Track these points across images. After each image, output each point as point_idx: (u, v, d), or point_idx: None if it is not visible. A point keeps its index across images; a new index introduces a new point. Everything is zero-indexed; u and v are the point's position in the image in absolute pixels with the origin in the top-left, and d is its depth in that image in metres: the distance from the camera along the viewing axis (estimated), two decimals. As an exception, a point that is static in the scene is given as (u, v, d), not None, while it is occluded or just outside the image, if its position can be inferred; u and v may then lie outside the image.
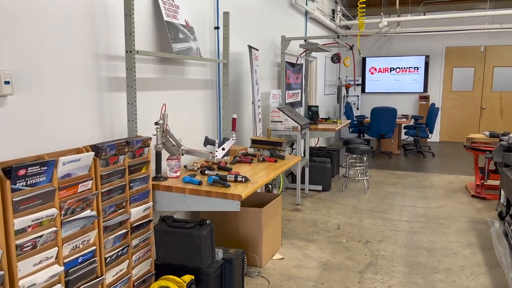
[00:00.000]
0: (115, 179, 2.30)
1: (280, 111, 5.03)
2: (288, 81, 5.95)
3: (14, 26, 2.02)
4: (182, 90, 3.51)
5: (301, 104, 6.71)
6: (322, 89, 8.90)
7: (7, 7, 1.97)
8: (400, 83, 10.62)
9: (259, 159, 3.45)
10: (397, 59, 10.54)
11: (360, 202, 5.29)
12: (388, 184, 6.25)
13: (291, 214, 4.79)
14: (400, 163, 7.85)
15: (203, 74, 3.84)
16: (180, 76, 3.48)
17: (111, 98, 2.69)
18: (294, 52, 6.68)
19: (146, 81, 3.04)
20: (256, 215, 3.38)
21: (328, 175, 5.78)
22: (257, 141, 3.78)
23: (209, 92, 3.95)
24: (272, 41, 5.70)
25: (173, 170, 2.84)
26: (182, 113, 3.52)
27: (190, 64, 3.60)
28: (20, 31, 2.05)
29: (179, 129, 3.49)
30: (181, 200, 2.65)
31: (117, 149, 2.27)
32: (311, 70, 8.23)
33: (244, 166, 3.31)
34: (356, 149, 5.83)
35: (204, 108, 3.87)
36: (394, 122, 8.09)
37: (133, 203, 2.47)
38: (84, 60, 2.45)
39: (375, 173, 6.99)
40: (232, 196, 2.51)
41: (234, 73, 4.50)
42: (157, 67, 3.16)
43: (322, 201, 5.34)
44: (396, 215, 4.78)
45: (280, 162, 3.50)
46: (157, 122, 2.74)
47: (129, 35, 2.57)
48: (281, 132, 5.05)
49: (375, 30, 9.45)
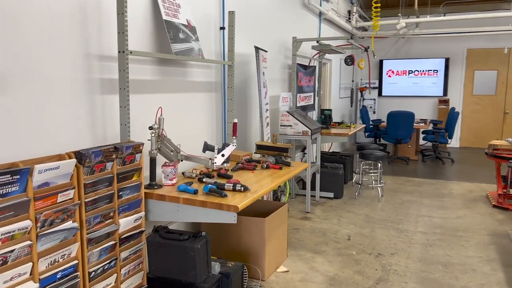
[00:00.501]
0: (101, 187, 2.15)
1: (289, 115, 4.84)
2: (299, 83, 5.76)
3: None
4: (184, 93, 3.36)
5: (313, 108, 6.50)
6: (337, 92, 8.66)
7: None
8: (419, 86, 10.29)
9: (263, 166, 3.26)
10: (415, 61, 10.22)
11: (373, 211, 5.05)
12: (404, 192, 5.98)
13: (300, 223, 4.58)
14: (417, 169, 7.55)
15: (207, 76, 3.68)
16: (182, 78, 3.32)
17: (104, 101, 2.55)
18: (307, 54, 6.48)
19: (144, 83, 2.89)
20: (259, 226, 3.20)
21: (340, 181, 5.56)
22: (262, 146, 3.59)
23: (213, 95, 3.79)
24: (283, 43, 5.51)
25: (168, 177, 2.68)
26: (183, 117, 3.36)
27: (193, 65, 3.45)
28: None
29: (180, 134, 3.34)
30: (175, 210, 2.49)
31: (104, 155, 2.12)
32: (325, 73, 8.01)
33: (246, 173, 3.13)
34: (370, 155, 5.59)
35: (207, 111, 3.71)
36: (411, 126, 7.80)
37: (122, 213, 2.32)
38: (73, 61, 2.31)
39: (390, 180, 6.72)
40: (227, 207, 2.33)
41: (241, 75, 4.33)
42: (156, 69, 3.01)
43: (333, 209, 5.11)
44: (411, 226, 4.52)
45: (286, 169, 3.31)
46: (152, 126, 2.58)
47: (121, 34, 2.43)
48: (290, 137, 4.86)
49: (393, 32, 9.16)
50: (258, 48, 4.08)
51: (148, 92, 2.94)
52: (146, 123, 2.92)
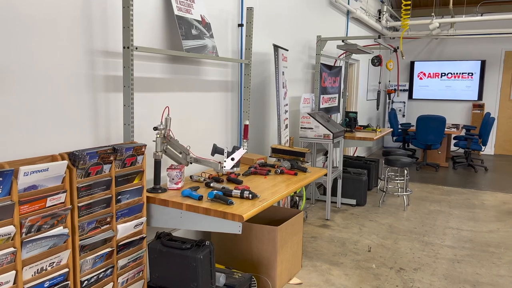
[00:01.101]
0: (97, 191, 2.02)
1: (310, 117, 4.63)
2: (323, 84, 5.53)
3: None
4: (197, 92, 3.21)
5: (338, 110, 6.25)
6: (364, 94, 8.36)
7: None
8: (452, 89, 9.83)
9: (276, 171, 3.08)
10: (449, 63, 9.77)
11: (397, 221, 4.77)
12: (432, 201, 5.66)
13: (318, 231, 4.37)
14: (447, 177, 7.17)
15: (223, 75, 3.52)
16: (195, 77, 3.18)
17: (108, 99, 2.43)
18: (333, 54, 6.24)
19: (154, 81, 2.76)
20: (271, 234, 3.01)
21: (364, 188, 5.30)
22: (278, 150, 3.41)
23: (229, 95, 3.63)
24: (307, 42, 5.30)
25: (173, 181, 2.54)
26: (195, 117, 3.22)
27: (207, 63, 3.30)
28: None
29: (192, 135, 3.19)
30: (178, 217, 2.34)
31: (100, 157, 1.99)
32: (352, 74, 7.73)
33: (258, 178, 2.95)
34: (396, 162, 5.30)
35: (222, 111, 3.55)
36: (442, 132, 7.42)
37: (121, 218, 2.19)
38: (75, 56, 2.20)
39: (418, 187, 6.39)
40: (232, 216, 2.16)
41: (260, 75, 4.15)
42: (167, 66, 2.87)
43: (355, 217, 4.87)
44: (437, 239, 4.23)
45: (301, 175, 3.11)
46: (157, 127, 2.44)
47: (126, 29, 2.30)
48: (311, 140, 4.65)
49: (425, 32, 8.77)
50: (277, 47, 3.89)
51: (158, 90, 2.80)
52: (154, 123, 2.79)
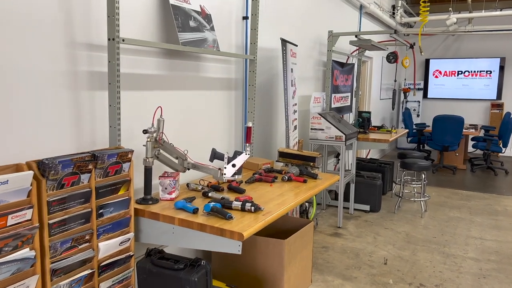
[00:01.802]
0: (74, 205, 1.74)
1: (321, 117, 4.31)
2: (335, 82, 5.21)
3: None
4: (197, 90, 2.93)
5: (350, 110, 5.93)
6: (377, 93, 8.01)
7: None
8: (469, 88, 9.41)
9: (284, 178, 2.78)
10: (466, 61, 9.36)
11: (414, 229, 4.43)
12: (451, 206, 5.30)
13: (329, 240, 4.05)
14: (465, 180, 6.80)
15: (226, 72, 3.23)
16: (194, 73, 2.89)
17: (94, 98, 2.16)
18: (345, 50, 5.91)
19: (148, 78, 2.48)
20: (277, 248, 2.72)
21: (378, 193, 4.97)
22: (285, 154, 3.11)
23: (232, 94, 3.34)
24: (318, 37, 4.98)
25: (166, 190, 2.25)
26: (195, 118, 2.93)
27: (208, 59, 3.01)
28: None
29: (191, 138, 2.91)
30: (170, 232, 2.05)
31: (76, 166, 1.71)
32: (365, 71, 7.39)
33: (263, 186, 2.65)
34: (413, 165, 4.96)
35: (225, 112, 3.26)
36: (460, 132, 7.04)
37: (103, 235, 1.91)
38: (52, 50, 1.92)
39: (435, 191, 6.03)
40: (230, 233, 1.86)
41: (267, 72, 3.85)
42: (162, 62, 2.59)
43: (369, 224, 4.54)
44: (459, 250, 3.89)
45: (311, 182, 2.80)
46: (147, 130, 2.16)
47: (112, 18, 2.02)
48: (322, 142, 4.33)
49: (442, 29, 8.38)
50: (285, 41, 3.58)
51: (152, 88, 2.52)
52: (147, 125, 2.51)
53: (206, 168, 2.48)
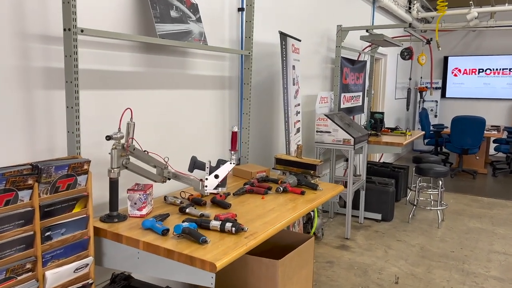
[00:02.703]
0: (9, 228, 1.44)
1: (328, 118, 3.96)
2: (344, 81, 4.85)
3: None
4: (182, 90, 2.61)
5: (362, 110, 5.55)
6: (392, 92, 7.59)
7: None
8: (491, 87, 8.90)
9: (278, 190, 2.44)
10: (487, 58, 8.85)
11: (430, 242, 4.04)
12: (470, 215, 4.88)
13: (335, 254, 3.70)
14: (487, 186, 6.34)
15: (219, 69, 2.91)
16: (180, 71, 2.58)
17: (52, 99, 1.86)
18: (357, 47, 5.53)
19: (121, 76, 2.17)
20: (270, 270, 2.38)
21: (391, 201, 4.58)
22: (283, 161, 2.77)
23: (226, 93, 3.02)
24: (325, 32, 4.62)
25: (136, 206, 1.94)
26: (181, 121, 2.62)
27: (197, 55, 2.69)
28: None
29: (177, 144, 2.59)
30: (135, 258, 1.74)
31: (9, 181, 1.41)
32: (378, 69, 6.98)
33: (253, 199, 2.32)
34: (429, 171, 4.56)
35: (218, 113, 2.94)
36: (481, 134, 6.58)
37: (52, 262, 1.60)
38: None
39: (453, 198, 5.61)
40: (201, 263, 1.54)
41: (267, 70, 3.52)
42: (140, 57, 2.28)
43: (380, 236, 4.17)
44: (481, 267, 3.49)
45: (310, 194, 2.46)
46: (111, 136, 1.85)
47: (67, 5, 1.71)
48: (328, 146, 3.98)
49: (462, 24, 7.90)
50: (285, 35, 3.23)
51: (126, 87, 2.22)
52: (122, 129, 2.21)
53: (187, 178, 2.16)
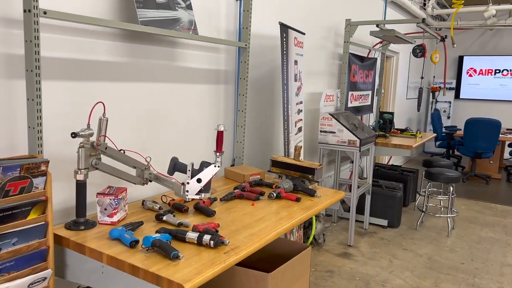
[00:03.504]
0: None
1: (333, 118, 3.72)
2: (352, 79, 4.59)
3: None
4: (171, 83, 2.40)
5: (370, 109, 5.29)
6: (403, 92, 7.30)
7: None
8: (507, 89, 8.55)
9: (271, 195, 2.21)
10: (505, 59, 8.49)
11: (439, 251, 3.78)
12: (483, 224, 4.60)
13: (337, 262, 3.47)
14: (500, 192, 6.04)
15: (213, 62, 2.69)
16: (168, 62, 2.36)
17: (13, 89, 1.66)
18: (367, 43, 5.27)
19: (100, 66, 1.96)
20: (260, 284, 2.16)
21: (398, 206, 4.33)
22: (279, 163, 2.54)
23: (221, 88, 2.80)
24: (333, 26, 4.37)
25: (106, 212, 1.73)
26: (169, 117, 2.40)
27: (187, 45, 2.48)
28: None
29: (163, 142, 2.38)
30: (99, 272, 1.53)
31: None
32: (389, 67, 6.70)
33: (242, 205, 2.10)
34: (439, 176, 4.30)
35: (211, 110, 2.72)
36: (496, 138, 6.27)
37: (0, 276, 1.40)
38: None
39: (464, 204, 5.33)
40: (168, 284, 1.33)
41: (268, 64, 3.29)
42: (122, 46, 2.07)
43: (385, 243, 3.92)
44: (493, 282, 3.23)
45: (306, 201, 2.23)
46: (76, 133, 1.64)
47: (28, -17, 1.50)
48: (332, 147, 3.74)
49: (479, 22, 7.57)
50: (286, 27, 2.99)
51: (104, 79, 2.01)
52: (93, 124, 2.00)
53: (168, 181, 1.95)
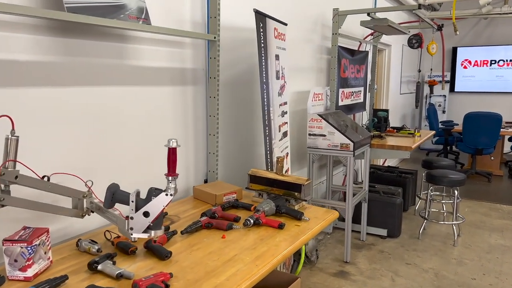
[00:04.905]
0: None
1: (322, 119, 3.30)
2: (343, 74, 4.17)
3: None
4: (122, 87, 1.95)
5: (363, 107, 4.88)
6: (397, 87, 6.90)
7: None
8: (504, 80, 8.19)
9: (247, 223, 1.77)
10: (501, 49, 8.13)
11: (446, 265, 3.37)
12: (491, 228, 4.21)
13: (332, 284, 3.04)
14: (504, 190, 5.65)
15: (177, 59, 2.24)
16: (117, 61, 1.92)
17: None
18: (357, 35, 4.85)
19: (19, 68, 1.51)
20: (235, 334, 1.72)
21: (398, 213, 3.92)
22: (258, 179, 2.10)
23: (188, 90, 2.35)
24: (319, 17, 3.94)
25: (17, 265, 1.28)
26: (118, 128, 1.96)
27: (142, 40, 2.03)
28: None
29: (109, 162, 1.94)
30: None
31: None
32: (382, 61, 6.29)
33: (210, 240, 1.66)
34: (442, 179, 3.89)
35: (176, 117, 2.28)
36: (497, 133, 5.89)
37: None
38: None
39: (468, 206, 4.93)
40: None
41: (246, 62, 2.85)
42: (49, 42, 1.62)
43: (385, 257, 3.50)
44: (511, 302, 2.83)
45: (292, 227, 1.80)
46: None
47: None
48: (323, 152, 3.32)
49: (473, 11, 7.19)
50: (263, 15, 2.54)
51: (29, 84, 1.56)
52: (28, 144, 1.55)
53: (110, 213, 1.51)
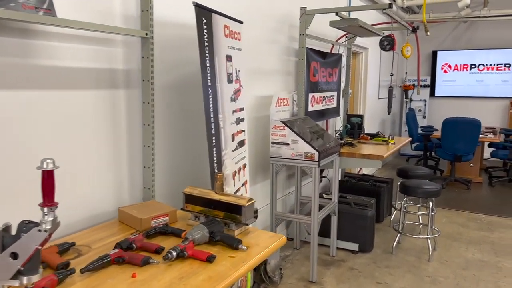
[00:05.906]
0: None
1: (286, 126, 3.02)
2: (313, 78, 3.91)
3: None
4: (27, 91, 1.64)
5: (337, 113, 4.62)
6: (375, 91, 6.68)
7: None
8: (484, 84, 8.05)
9: (169, 256, 1.47)
10: (481, 53, 7.99)
11: (418, 283, 3.12)
12: (468, 241, 3.98)
13: (293, 309, 2.76)
14: (483, 199, 5.45)
15: (104, 59, 1.94)
16: (20, 60, 1.61)
17: None
18: (329, 37, 4.60)
19: None
20: None
21: (370, 226, 3.66)
22: (194, 198, 1.81)
23: (120, 95, 2.05)
24: (286, 16, 3.68)
25: None
26: (22, 145, 1.65)
27: (55, 35, 1.72)
28: None
29: (8, 182, 1.62)
30: None
31: None
32: (358, 64, 6.06)
33: (117, 280, 1.36)
34: (416, 190, 3.64)
35: (102, 127, 1.97)
36: (476, 139, 5.70)
37: None
38: None
39: (445, 215, 4.71)
40: None
41: (194, 63, 2.56)
42: None
43: (355, 276, 3.23)
44: (487, 327, 2.58)
45: (224, 260, 1.51)
46: None
47: None
48: (286, 162, 3.04)
49: (452, 14, 7.03)
50: (206, 10, 2.24)
51: None
52: None
53: (-18, 251, 1.19)
